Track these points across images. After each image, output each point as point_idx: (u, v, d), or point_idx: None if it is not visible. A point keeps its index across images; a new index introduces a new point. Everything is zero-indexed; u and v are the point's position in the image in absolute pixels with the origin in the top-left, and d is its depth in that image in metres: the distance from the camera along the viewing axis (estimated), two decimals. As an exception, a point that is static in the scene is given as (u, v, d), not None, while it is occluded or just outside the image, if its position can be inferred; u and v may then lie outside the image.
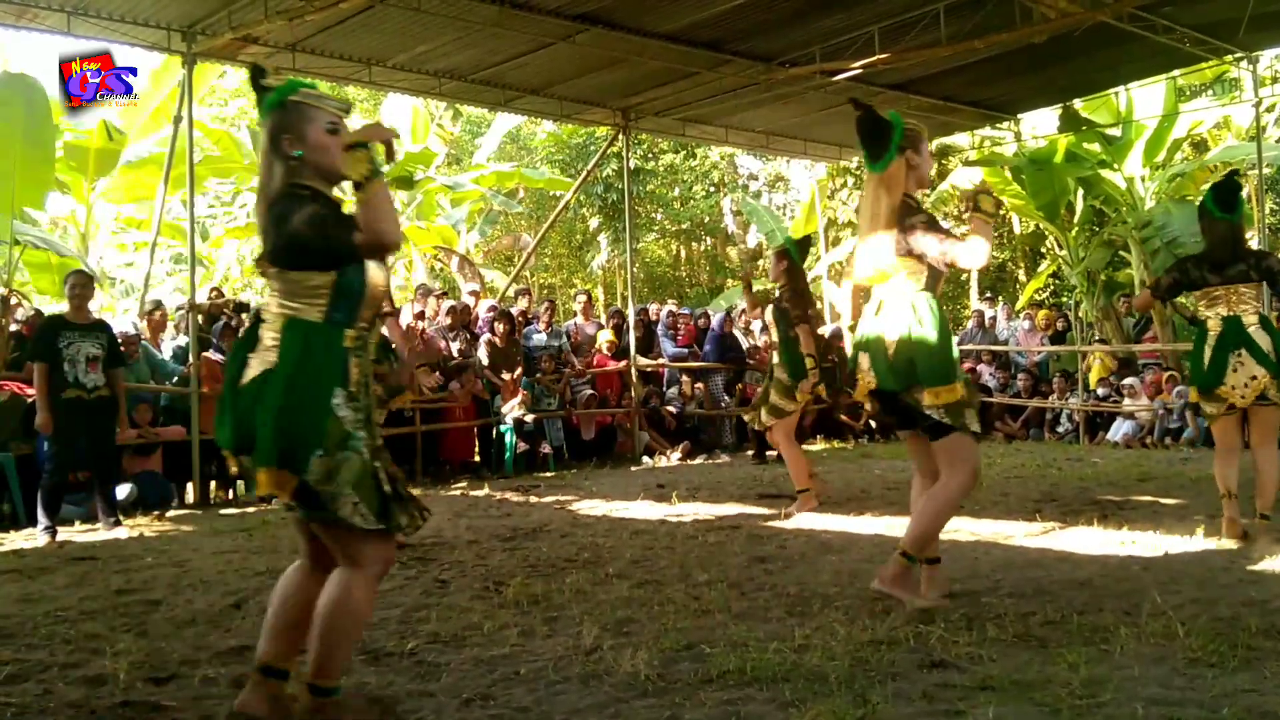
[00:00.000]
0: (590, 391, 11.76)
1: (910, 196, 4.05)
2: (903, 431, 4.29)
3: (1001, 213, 4.60)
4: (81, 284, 7.40)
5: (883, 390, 4.04)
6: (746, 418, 8.14)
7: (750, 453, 11.33)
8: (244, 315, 10.64)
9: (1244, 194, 6.00)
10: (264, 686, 2.83)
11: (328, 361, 2.74)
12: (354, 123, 2.94)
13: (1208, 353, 5.42)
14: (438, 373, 10.75)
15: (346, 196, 2.90)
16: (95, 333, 7.18)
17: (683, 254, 28.51)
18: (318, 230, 2.70)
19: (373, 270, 2.83)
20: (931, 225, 3.96)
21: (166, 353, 9.64)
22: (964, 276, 24.20)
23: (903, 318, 3.97)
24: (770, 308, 7.32)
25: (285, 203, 2.74)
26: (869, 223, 4.06)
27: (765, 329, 7.75)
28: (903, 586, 4.03)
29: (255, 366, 2.74)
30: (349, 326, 2.79)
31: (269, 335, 2.76)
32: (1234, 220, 5.47)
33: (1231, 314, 5.37)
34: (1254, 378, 5.27)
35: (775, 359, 7.28)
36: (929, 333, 3.91)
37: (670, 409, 12.29)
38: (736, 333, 13.25)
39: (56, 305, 11.24)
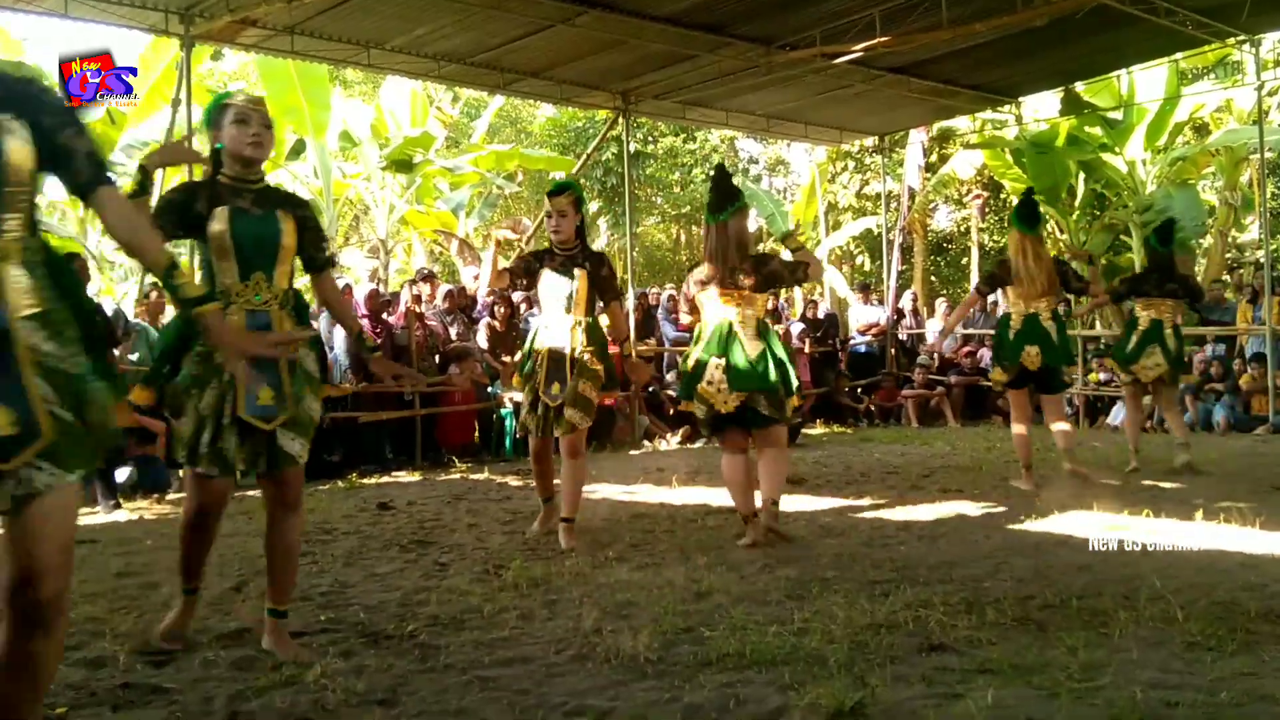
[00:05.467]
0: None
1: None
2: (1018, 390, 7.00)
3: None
4: (83, 268, 7.44)
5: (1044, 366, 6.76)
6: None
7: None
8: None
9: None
10: None
11: None
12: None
13: (1134, 339, 7.65)
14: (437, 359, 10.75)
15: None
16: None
17: (683, 238, 28.45)
18: None
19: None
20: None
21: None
22: (964, 260, 24.18)
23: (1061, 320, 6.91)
24: None
25: None
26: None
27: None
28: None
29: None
30: None
31: None
32: (1170, 251, 7.79)
33: (1159, 317, 7.59)
34: (1158, 364, 7.57)
35: None
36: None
37: (670, 393, 12.28)
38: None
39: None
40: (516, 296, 12.10)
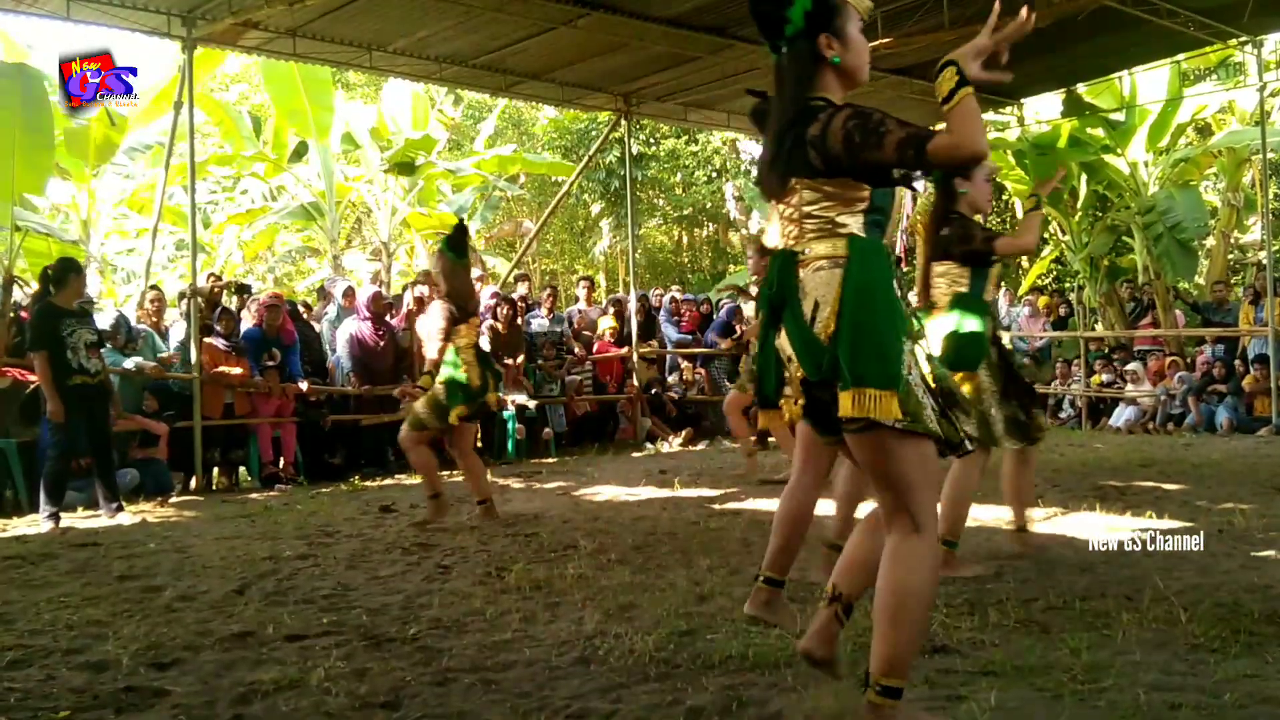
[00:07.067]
0: (576, 377, 11.73)
1: None
2: None
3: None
4: (82, 271, 7.45)
5: None
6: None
7: (752, 438, 11.31)
8: (245, 296, 10.63)
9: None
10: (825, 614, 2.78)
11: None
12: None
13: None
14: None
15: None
16: (88, 319, 7.21)
17: (684, 240, 28.44)
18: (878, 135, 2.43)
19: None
20: None
21: (172, 339, 9.63)
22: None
23: None
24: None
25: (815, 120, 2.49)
26: None
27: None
28: None
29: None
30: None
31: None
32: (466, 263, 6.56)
33: None
34: None
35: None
36: None
37: (672, 395, 12.29)
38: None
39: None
40: (516, 296, 12.13)
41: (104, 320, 9.07)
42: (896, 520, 2.48)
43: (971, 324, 4.36)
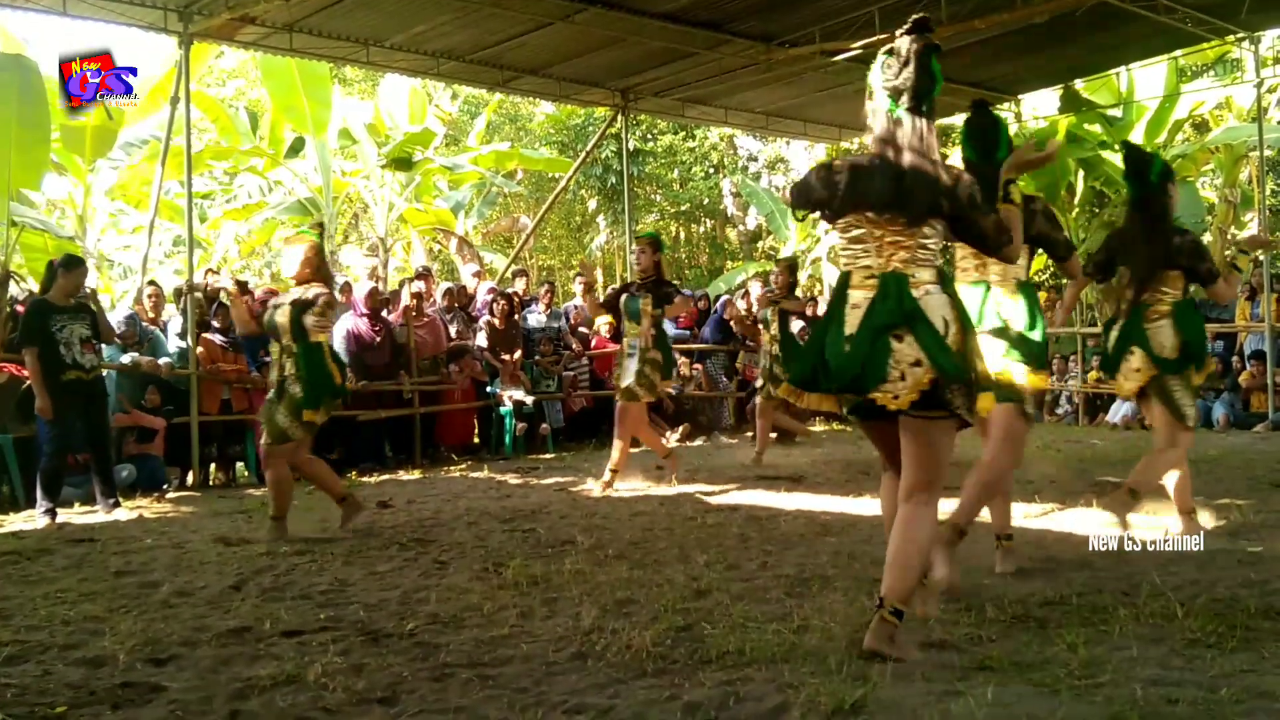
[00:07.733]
0: (573, 373, 11.72)
1: None
2: None
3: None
4: (85, 271, 7.43)
5: None
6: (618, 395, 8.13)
7: (750, 435, 11.32)
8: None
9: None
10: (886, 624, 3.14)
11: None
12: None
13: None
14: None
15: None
16: (82, 314, 7.18)
17: (682, 235, 28.42)
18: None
19: None
20: None
21: (170, 335, 9.60)
22: (962, 256, 24.14)
23: None
24: (650, 296, 7.69)
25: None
26: None
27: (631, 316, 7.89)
28: None
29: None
30: None
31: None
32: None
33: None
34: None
35: (647, 345, 7.68)
36: None
37: (670, 390, 12.27)
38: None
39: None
40: (513, 291, 12.11)
41: (115, 318, 9.05)
42: (920, 491, 3.22)
43: (1199, 326, 4.95)
